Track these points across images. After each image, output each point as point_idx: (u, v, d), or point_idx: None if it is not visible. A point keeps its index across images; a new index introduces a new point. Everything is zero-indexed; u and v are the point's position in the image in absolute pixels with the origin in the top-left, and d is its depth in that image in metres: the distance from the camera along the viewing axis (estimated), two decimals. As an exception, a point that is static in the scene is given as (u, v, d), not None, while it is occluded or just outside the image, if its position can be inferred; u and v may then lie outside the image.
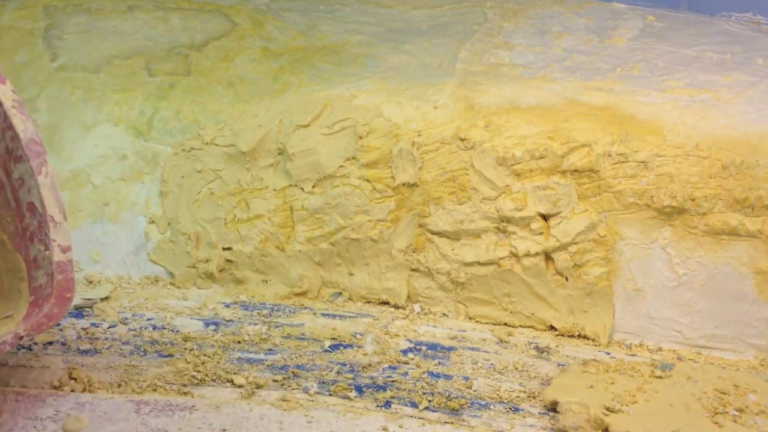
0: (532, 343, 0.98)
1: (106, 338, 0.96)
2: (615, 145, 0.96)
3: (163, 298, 1.03)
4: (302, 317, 1.00)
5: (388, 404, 0.88)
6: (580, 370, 0.91)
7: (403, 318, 1.01)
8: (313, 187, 1.02)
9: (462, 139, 0.98)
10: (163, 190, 1.06)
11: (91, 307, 1.00)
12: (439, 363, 0.94)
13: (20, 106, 0.81)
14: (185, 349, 0.94)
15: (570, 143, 0.96)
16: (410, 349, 0.96)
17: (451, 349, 0.96)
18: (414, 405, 0.88)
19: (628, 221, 0.96)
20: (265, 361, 0.92)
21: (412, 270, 1.02)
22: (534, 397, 0.89)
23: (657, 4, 1.35)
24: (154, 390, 0.88)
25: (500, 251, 0.98)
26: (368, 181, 1.01)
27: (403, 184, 1.00)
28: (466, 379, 0.92)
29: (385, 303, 1.03)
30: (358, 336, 0.97)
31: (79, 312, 1.00)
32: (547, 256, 0.97)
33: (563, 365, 0.94)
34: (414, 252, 1.01)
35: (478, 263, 0.99)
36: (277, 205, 1.03)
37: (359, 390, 0.90)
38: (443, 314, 1.02)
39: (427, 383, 0.91)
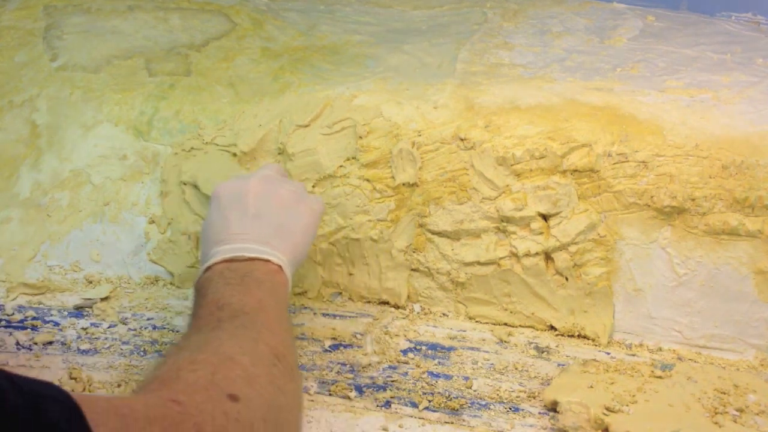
0: (532, 343, 0.98)
1: (106, 338, 0.96)
2: (615, 145, 0.95)
3: (163, 298, 1.03)
4: (302, 317, 1.00)
5: (388, 404, 0.88)
6: (580, 370, 0.90)
7: (403, 318, 1.01)
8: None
9: (462, 139, 0.98)
10: (163, 190, 1.06)
11: (91, 307, 1.00)
12: (439, 363, 0.94)
13: None
14: (185, 349, 0.94)
15: (570, 143, 0.96)
16: (410, 349, 0.96)
17: (451, 349, 0.96)
18: (414, 405, 0.88)
19: (628, 221, 0.96)
20: (265, 361, 0.92)
21: (412, 270, 1.02)
22: (534, 397, 0.89)
23: (657, 4, 1.35)
24: (154, 390, 0.88)
25: (500, 251, 0.98)
26: (368, 181, 1.01)
27: (403, 184, 1.00)
28: (466, 379, 0.92)
29: (385, 303, 1.03)
30: (358, 336, 0.97)
31: (79, 312, 1.00)
32: (547, 256, 0.97)
33: (563, 365, 0.94)
34: (414, 252, 1.01)
35: (478, 263, 0.99)
36: (277, 205, 1.02)
37: (359, 390, 0.90)
38: (443, 314, 1.02)
39: (427, 383, 0.91)
